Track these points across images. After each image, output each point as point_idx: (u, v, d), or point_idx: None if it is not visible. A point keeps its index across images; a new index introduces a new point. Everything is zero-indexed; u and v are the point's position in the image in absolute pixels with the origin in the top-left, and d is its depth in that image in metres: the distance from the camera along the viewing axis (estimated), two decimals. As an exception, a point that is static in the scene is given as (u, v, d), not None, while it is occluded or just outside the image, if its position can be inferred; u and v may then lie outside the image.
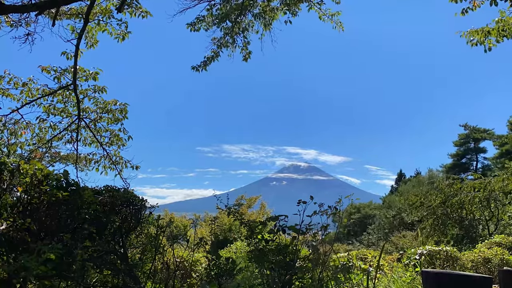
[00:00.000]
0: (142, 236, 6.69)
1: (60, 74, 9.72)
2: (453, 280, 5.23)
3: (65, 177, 5.33)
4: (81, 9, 9.54)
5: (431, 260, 10.05)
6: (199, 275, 7.93)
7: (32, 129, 10.34)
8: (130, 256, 6.31)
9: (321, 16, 10.19)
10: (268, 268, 6.03)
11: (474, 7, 8.01)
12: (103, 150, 10.85)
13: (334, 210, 6.24)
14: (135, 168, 10.78)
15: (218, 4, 9.76)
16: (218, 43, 10.10)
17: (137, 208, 6.32)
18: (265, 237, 6.18)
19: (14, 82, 9.73)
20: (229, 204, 7.01)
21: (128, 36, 9.75)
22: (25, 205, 4.90)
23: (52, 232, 5.03)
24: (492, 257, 10.43)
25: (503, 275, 5.88)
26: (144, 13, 9.54)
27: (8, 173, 4.80)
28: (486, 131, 54.05)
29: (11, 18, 9.17)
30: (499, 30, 8.40)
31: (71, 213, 5.30)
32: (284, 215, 6.11)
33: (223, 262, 6.71)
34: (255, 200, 26.80)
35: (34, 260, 4.13)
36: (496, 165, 47.48)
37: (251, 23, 10.14)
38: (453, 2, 7.95)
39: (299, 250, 6.15)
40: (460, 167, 54.78)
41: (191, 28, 9.97)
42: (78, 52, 9.31)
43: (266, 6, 9.93)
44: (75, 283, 5.25)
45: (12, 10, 8.09)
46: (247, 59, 10.40)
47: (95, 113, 10.61)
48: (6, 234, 4.55)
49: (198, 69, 10.21)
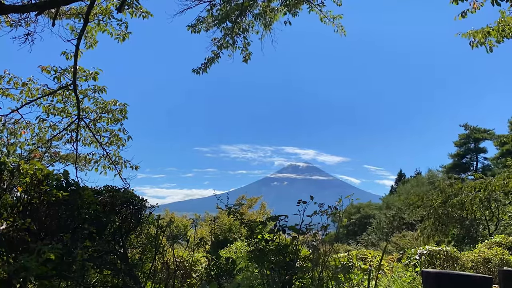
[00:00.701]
0: (142, 236, 6.69)
1: (60, 74, 9.72)
2: (453, 280, 5.23)
3: (65, 177, 5.33)
4: (81, 9, 9.54)
5: (431, 260, 10.06)
6: (199, 275, 7.93)
7: (31, 129, 10.35)
8: (130, 256, 6.31)
9: (322, 18, 10.11)
10: (268, 268, 6.03)
11: (474, 9, 7.99)
12: (102, 150, 10.86)
13: (334, 210, 6.24)
14: (135, 168, 10.79)
15: (218, 4, 9.76)
16: (218, 43, 10.09)
17: (137, 208, 6.32)
18: (265, 237, 6.18)
19: (14, 82, 9.72)
20: (230, 204, 7.01)
21: (128, 36, 9.76)
22: (25, 205, 4.89)
23: (52, 232, 5.03)
24: (492, 257, 10.44)
25: (503, 275, 5.88)
26: (145, 13, 9.54)
27: (8, 173, 4.80)
28: (486, 131, 54.03)
29: (11, 18, 9.17)
30: (499, 31, 8.39)
31: (71, 213, 5.29)
32: (284, 215, 6.11)
33: (223, 262, 6.71)
34: (256, 201, 26.80)
35: (34, 260, 4.12)
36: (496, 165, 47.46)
37: (251, 24, 10.12)
38: (454, 4, 7.93)
39: (299, 250, 6.15)
40: (461, 167, 54.75)
41: (192, 30, 9.96)
42: (78, 52, 9.31)
43: (266, 6, 9.92)
44: (75, 283, 5.25)
45: (12, 10, 8.09)
46: (247, 60, 10.38)
47: (95, 113, 10.61)
48: (6, 234, 4.55)
49: (198, 72, 10.19)
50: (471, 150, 55.49)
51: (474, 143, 55.02)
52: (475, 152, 55.39)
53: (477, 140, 54.41)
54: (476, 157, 55.56)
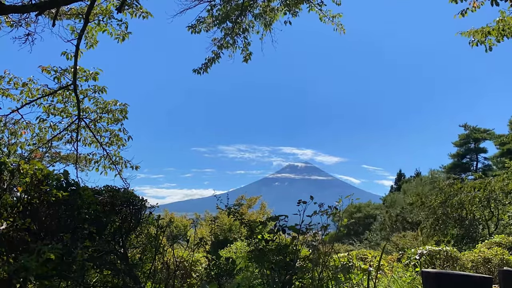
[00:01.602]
0: (142, 236, 6.69)
1: (60, 74, 9.73)
2: (453, 280, 5.23)
3: (65, 177, 5.33)
4: (81, 9, 9.54)
5: (431, 260, 10.05)
6: (199, 275, 7.94)
7: (32, 129, 10.34)
8: (130, 256, 6.31)
9: (321, 17, 10.15)
10: (268, 268, 6.03)
11: (474, 8, 7.99)
12: (103, 150, 10.86)
13: (334, 210, 6.24)
14: (135, 168, 10.79)
15: (218, 4, 9.77)
16: (219, 43, 10.10)
17: (137, 208, 6.32)
18: (265, 237, 6.18)
19: (14, 82, 9.73)
20: (229, 204, 7.01)
21: (128, 36, 9.76)
22: (25, 205, 4.89)
23: (52, 232, 5.03)
24: (492, 257, 10.43)
25: (503, 275, 5.88)
26: (145, 13, 9.54)
27: (8, 173, 4.80)
28: (486, 131, 53.99)
29: (11, 18, 9.18)
30: (499, 30, 8.39)
31: (71, 213, 5.30)
32: (284, 215, 6.11)
33: (223, 262, 6.71)
34: (255, 200, 26.82)
35: (34, 260, 4.13)
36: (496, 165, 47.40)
37: (252, 24, 10.14)
38: (453, 3, 7.93)
39: (299, 250, 6.15)
40: (461, 167, 54.72)
41: (192, 31, 9.97)
42: (78, 52, 9.31)
43: (266, 6, 9.92)
44: (75, 283, 5.26)
45: (12, 10, 8.09)
46: (247, 60, 10.40)
47: (95, 113, 10.61)
48: (6, 234, 4.55)
49: (199, 72, 10.22)
50: (471, 150, 55.46)
51: (474, 143, 54.99)
52: (475, 152, 55.35)
53: (477, 140, 54.36)
54: (476, 157, 55.52)
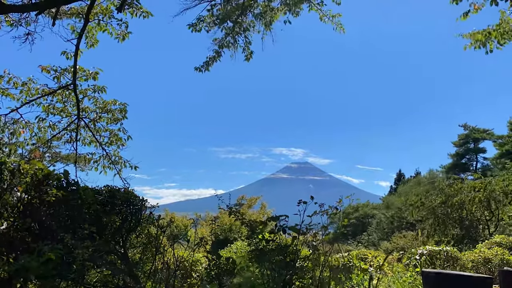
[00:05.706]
0: (142, 236, 6.68)
1: (60, 74, 9.72)
2: (453, 280, 5.23)
3: (66, 177, 5.32)
4: (81, 8, 9.53)
5: (432, 260, 10.05)
6: (199, 275, 7.92)
7: (31, 129, 10.33)
8: (130, 256, 6.30)
9: (322, 17, 10.16)
10: (268, 268, 6.03)
11: (475, 10, 7.99)
12: (102, 150, 10.85)
13: (334, 210, 6.24)
14: (134, 168, 10.78)
15: (218, 4, 9.76)
16: (220, 43, 10.10)
17: (137, 208, 6.32)
18: (266, 237, 6.18)
19: (13, 82, 9.71)
20: (230, 204, 7.01)
21: (129, 36, 9.75)
22: (25, 205, 4.88)
23: (52, 232, 5.02)
24: (492, 257, 10.43)
25: (504, 276, 5.88)
26: (145, 13, 9.53)
27: (9, 173, 4.80)
28: (485, 131, 53.98)
29: (11, 18, 9.16)
30: (501, 32, 8.38)
31: (71, 213, 5.29)
32: (285, 215, 6.11)
33: (223, 262, 6.70)
34: (256, 201, 26.85)
35: (34, 260, 4.12)
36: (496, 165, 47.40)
37: (252, 23, 10.14)
38: (454, 4, 7.94)
39: (299, 250, 6.15)
40: (460, 167, 54.72)
41: (193, 29, 9.96)
42: (78, 52, 9.31)
43: (266, 6, 9.92)
44: (75, 283, 5.24)
45: (12, 9, 8.08)
46: (249, 59, 10.42)
47: (95, 113, 10.60)
48: (6, 234, 4.54)
49: (201, 70, 10.23)
50: (471, 150, 55.46)
51: (473, 143, 54.99)
52: (475, 152, 55.35)
53: (477, 140, 54.37)
54: (476, 157, 55.53)
